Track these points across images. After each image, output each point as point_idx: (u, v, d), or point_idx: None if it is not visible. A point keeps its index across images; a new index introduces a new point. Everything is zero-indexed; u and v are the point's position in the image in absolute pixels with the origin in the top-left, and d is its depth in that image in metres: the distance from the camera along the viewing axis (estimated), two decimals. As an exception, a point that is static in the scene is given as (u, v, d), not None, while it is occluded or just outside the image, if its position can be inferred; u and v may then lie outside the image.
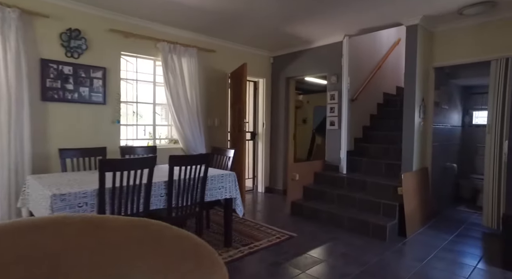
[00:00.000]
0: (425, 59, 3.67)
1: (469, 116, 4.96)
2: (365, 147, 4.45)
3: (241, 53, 4.74)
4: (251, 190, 5.31)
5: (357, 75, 4.49)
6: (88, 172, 2.62)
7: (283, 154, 5.05)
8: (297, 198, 4.04)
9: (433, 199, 3.85)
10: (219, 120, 4.52)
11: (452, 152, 4.53)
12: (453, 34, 3.61)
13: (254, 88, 5.25)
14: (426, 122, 3.79)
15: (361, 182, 3.79)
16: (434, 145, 3.86)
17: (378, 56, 4.96)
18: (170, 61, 3.78)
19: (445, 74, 4.20)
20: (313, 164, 4.33)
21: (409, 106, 3.56)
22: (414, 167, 3.55)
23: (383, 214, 3.32)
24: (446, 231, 3.35)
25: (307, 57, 4.70)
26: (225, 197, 2.73)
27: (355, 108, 4.45)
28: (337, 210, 3.55)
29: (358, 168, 4.24)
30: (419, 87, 3.57)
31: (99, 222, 0.80)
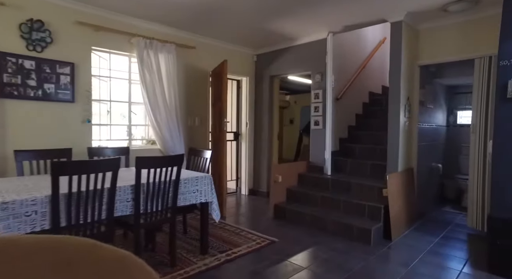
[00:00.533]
0: (410, 57, 3.58)
1: (454, 116, 4.93)
2: (351, 147, 4.35)
3: (223, 51, 4.57)
4: (234, 192, 5.13)
5: (342, 73, 4.38)
6: (47, 176, 2.39)
7: (267, 155, 4.90)
8: (280, 201, 3.89)
9: (418, 200, 3.77)
10: (200, 120, 4.33)
11: (437, 152, 4.48)
12: (437, 32, 3.54)
13: (237, 87, 5.09)
14: (411, 122, 3.70)
15: (346, 183, 3.67)
16: (419, 144, 3.79)
17: (363, 55, 4.88)
18: (146, 57, 3.57)
19: (430, 73, 4.13)
20: (297, 165, 4.19)
21: (394, 105, 3.46)
22: (400, 167, 3.45)
23: (368, 216, 3.20)
24: (431, 233, 3.26)
25: (291, 55, 4.57)
26: (200, 201, 2.55)
27: (340, 108, 4.34)
28: (321, 213, 3.42)
29: (343, 168, 4.13)
30: (404, 85, 3.48)
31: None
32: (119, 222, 2.19)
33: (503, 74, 2.61)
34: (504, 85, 2.59)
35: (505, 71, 2.60)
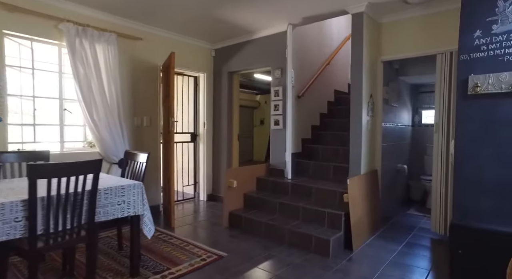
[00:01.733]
0: (373, 52, 3.36)
1: (419, 116, 4.82)
2: (314, 148, 4.08)
3: (177, 44, 4.16)
4: (192, 198, 4.72)
5: (305, 70, 4.11)
6: None
7: (227, 157, 4.53)
8: (236, 208, 3.54)
9: (383, 203, 3.56)
10: (149, 119, 3.90)
11: (402, 153, 4.32)
12: (400, 26, 3.35)
13: (194, 84, 4.69)
14: (375, 121, 3.49)
15: (306, 188, 3.38)
16: (384, 145, 3.58)
17: (328, 51, 4.65)
18: (79, 47, 3.10)
19: (394, 70, 3.96)
20: (255, 169, 3.86)
21: (356, 102, 3.22)
22: (363, 169, 3.21)
23: (328, 225, 2.92)
24: (395, 240, 3.04)
25: (250, 49, 4.24)
26: (128, 214, 2.14)
27: (303, 106, 4.06)
28: (278, 221, 3.10)
29: (306, 171, 3.85)
30: (367, 82, 3.25)
31: None
32: (10, 247, 1.73)
33: (463, 70, 2.42)
34: (464, 81, 2.40)
35: (465, 66, 2.41)
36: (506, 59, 2.28)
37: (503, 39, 2.30)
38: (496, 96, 2.30)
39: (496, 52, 2.32)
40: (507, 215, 2.22)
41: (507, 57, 2.28)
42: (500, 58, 2.31)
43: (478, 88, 2.33)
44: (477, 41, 2.39)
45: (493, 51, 2.33)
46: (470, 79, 2.37)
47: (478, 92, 2.33)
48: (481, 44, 2.37)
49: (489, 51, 2.35)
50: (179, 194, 4.62)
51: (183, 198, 4.61)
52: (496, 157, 2.27)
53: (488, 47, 2.35)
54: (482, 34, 2.37)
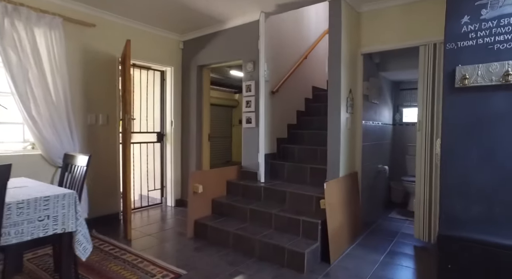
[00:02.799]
0: (352, 43, 3.08)
1: (399, 114, 4.61)
2: (290, 148, 3.77)
3: (139, 34, 3.73)
4: (159, 204, 4.30)
5: (280, 63, 3.79)
6: None
7: (196, 159, 4.15)
8: (202, 216, 3.17)
9: (363, 208, 3.29)
10: (105, 117, 3.45)
11: (383, 153, 4.09)
12: (380, 15, 3.08)
13: (161, 79, 4.27)
14: (355, 119, 3.21)
15: (280, 192, 3.05)
16: (364, 145, 3.31)
17: (305, 45, 4.35)
18: (10, 29, 2.62)
19: (374, 64, 3.71)
20: (225, 171, 3.50)
21: (334, 98, 2.93)
22: (342, 172, 2.92)
23: (304, 234, 2.60)
24: (376, 248, 2.76)
25: (221, 41, 3.88)
26: (54, 231, 1.73)
27: (278, 103, 3.74)
28: (248, 230, 2.76)
29: (281, 174, 3.53)
30: (346, 75, 2.97)
31: None
32: None
33: (450, 59, 2.16)
34: (451, 72, 2.14)
35: (452, 56, 2.15)
36: (496, 48, 2.03)
37: (493, 25, 2.06)
38: (486, 89, 2.05)
39: (486, 40, 2.08)
40: (500, 222, 1.98)
41: (497, 46, 2.04)
42: (489, 47, 2.06)
43: (466, 81, 2.08)
44: (465, 28, 2.14)
45: (482, 39, 2.09)
46: (457, 71, 2.11)
47: (466, 85, 2.08)
48: (469, 31, 2.12)
49: (478, 39, 2.10)
50: (144, 199, 4.20)
51: (148, 204, 4.19)
52: (487, 157, 2.02)
53: (477, 35, 2.10)
54: (470, 20, 2.12)
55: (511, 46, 2.01)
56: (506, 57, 2.01)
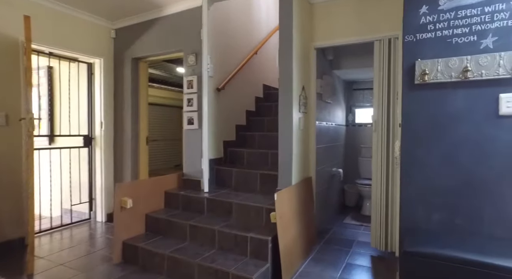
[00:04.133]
0: (305, 36, 2.80)
1: (352, 114, 4.50)
2: (239, 152, 3.39)
3: (58, 15, 3.08)
4: (86, 220, 3.63)
5: (227, 58, 3.40)
6: None
7: (131, 165, 3.57)
8: (133, 235, 2.64)
9: (318, 216, 3.02)
10: (4, 116, 2.75)
11: (337, 155, 3.90)
12: (334, 8, 2.85)
13: (88, 73, 3.62)
14: (308, 119, 2.93)
15: (226, 204, 2.65)
16: (318, 147, 3.05)
17: (255, 40, 4.02)
18: None
19: (327, 61, 3.49)
20: (163, 180, 3.00)
21: (285, 96, 2.61)
22: (295, 178, 2.61)
23: (252, 254, 2.23)
24: (332, 263, 2.49)
25: (159, 29, 3.37)
26: None
27: (225, 102, 3.34)
28: (187, 252, 2.31)
29: (228, 181, 3.13)
30: (298, 70, 2.67)
31: None
32: None
33: (409, 53, 1.95)
34: (410, 67, 1.94)
35: (411, 49, 1.95)
36: (455, 42, 1.86)
37: (451, 17, 1.88)
38: (446, 86, 1.86)
39: (444, 33, 1.89)
40: (463, 233, 1.80)
41: (456, 39, 1.86)
42: (448, 40, 1.88)
43: (426, 76, 1.88)
44: (423, 19, 1.94)
45: (441, 32, 1.90)
46: (417, 65, 1.90)
47: (426, 81, 1.88)
48: (428, 23, 1.93)
49: (437, 31, 1.91)
50: (67, 216, 3.51)
51: (72, 221, 3.50)
52: (448, 160, 1.84)
53: (436, 27, 1.91)
54: (429, 10, 1.93)
55: (469, 40, 1.85)
56: (465, 52, 1.84)
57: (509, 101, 1.72)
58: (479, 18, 1.81)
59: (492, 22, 1.78)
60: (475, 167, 1.77)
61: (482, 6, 1.80)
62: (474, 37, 1.81)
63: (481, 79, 1.76)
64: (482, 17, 1.80)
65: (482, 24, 1.80)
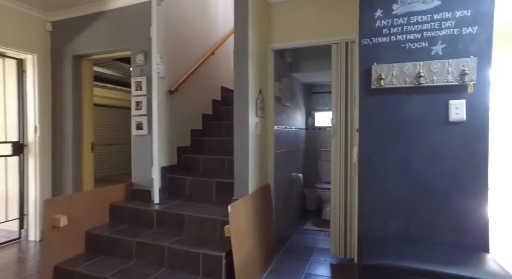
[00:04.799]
0: (262, 37, 2.68)
1: (312, 118, 4.49)
2: (194, 159, 3.18)
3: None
4: (16, 240, 3.17)
5: (180, 58, 3.18)
6: None
7: (73, 175, 3.19)
8: (69, 257, 2.32)
9: (277, 224, 2.91)
10: None
11: (297, 159, 3.84)
12: (292, 9, 2.77)
13: (18, 71, 3.17)
14: (266, 123, 2.81)
15: (178, 217, 2.43)
16: (277, 152, 2.95)
17: (212, 40, 3.84)
18: None
19: (286, 64, 3.41)
20: (107, 191, 2.70)
21: (241, 99, 2.46)
22: (252, 186, 2.47)
23: (205, 273, 2.04)
24: (292, 273, 2.39)
25: (104, 24, 3.05)
26: None
27: (178, 105, 3.11)
28: (132, 274, 2.05)
29: (181, 191, 2.91)
30: (255, 73, 2.54)
31: None
32: None
33: (365, 57, 1.91)
34: (367, 71, 1.89)
35: (368, 52, 1.90)
36: (408, 47, 1.85)
37: (404, 22, 1.87)
38: (401, 91, 1.84)
39: (398, 38, 1.87)
40: (418, 241, 1.78)
41: (409, 45, 1.85)
42: (402, 45, 1.86)
43: (382, 81, 1.84)
44: (379, 22, 1.91)
45: (395, 36, 1.88)
46: (373, 70, 1.86)
47: (382, 85, 1.84)
48: (383, 27, 1.89)
49: (391, 36, 1.89)
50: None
51: (-1, 242, 3.03)
52: (405, 167, 1.81)
53: (390, 31, 1.89)
54: (384, 14, 1.90)
55: (421, 46, 1.84)
56: (418, 58, 1.83)
57: (457, 108, 1.73)
58: (429, 25, 1.81)
59: (440, 30, 1.79)
60: (429, 174, 1.76)
61: (432, 13, 1.81)
62: (426, 43, 1.81)
63: (433, 85, 1.76)
64: (431, 24, 1.81)
65: (432, 31, 1.80)
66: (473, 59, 1.70)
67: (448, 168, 1.73)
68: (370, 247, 1.70)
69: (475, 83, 1.70)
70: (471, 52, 1.73)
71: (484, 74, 1.70)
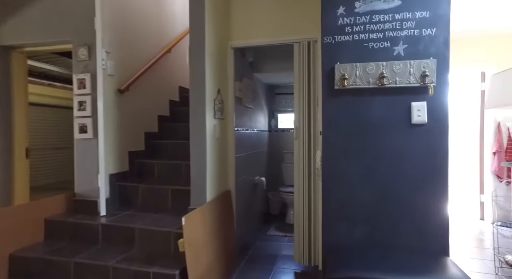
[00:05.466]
0: (220, 34, 2.50)
1: (275, 120, 4.39)
2: (148, 164, 2.90)
3: None
4: None
5: (132, 53, 2.90)
6: None
7: (4, 187, 2.76)
8: (-9, 285, 1.95)
9: (239, 232, 2.74)
10: None
11: (260, 163, 3.71)
12: (252, 5, 2.63)
13: None
14: (226, 125, 2.64)
15: (127, 230, 2.16)
16: (238, 156, 2.78)
17: (169, 36, 3.58)
18: None
19: (247, 63, 3.27)
20: (42, 205, 2.34)
21: (197, 99, 2.26)
22: (210, 194, 2.27)
23: (155, 294, 1.81)
24: (254, 286, 2.24)
25: (37, 12, 2.68)
26: None
27: (130, 105, 2.83)
28: (67, 302, 1.76)
29: (134, 200, 2.63)
30: (213, 71, 2.35)
31: None
32: None
33: (328, 56, 1.82)
34: (330, 71, 1.80)
35: (330, 51, 1.81)
36: (371, 46, 1.79)
37: (367, 21, 1.81)
38: (364, 92, 1.77)
39: (361, 37, 1.81)
40: (387, 247, 1.71)
41: (372, 44, 1.79)
42: (365, 45, 1.80)
43: (346, 81, 1.76)
44: (341, 20, 1.83)
45: (358, 35, 1.81)
46: (336, 69, 1.77)
47: (346, 86, 1.76)
48: (346, 25, 1.82)
49: (354, 34, 1.82)
50: None
51: None
52: (369, 172, 1.74)
53: (353, 29, 1.81)
54: (346, 12, 1.83)
55: (383, 46, 1.79)
56: (380, 58, 1.77)
57: (419, 110, 1.70)
58: (391, 25, 1.76)
59: (402, 30, 1.75)
60: (392, 178, 1.71)
61: (393, 13, 1.76)
62: (388, 43, 1.76)
63: (396, 87, 1.71)
64: (393, 23, 1.76)
65: (394, 31, 1.76)
66: (433, 61, 1.68)
67: (410, 172, 1.69)
68: (334, 257, 1.60)
69: (435, 85, 1.68)
70: (431, 54, 1.71)
71: (443, 76, 1.68)
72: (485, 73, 3.82)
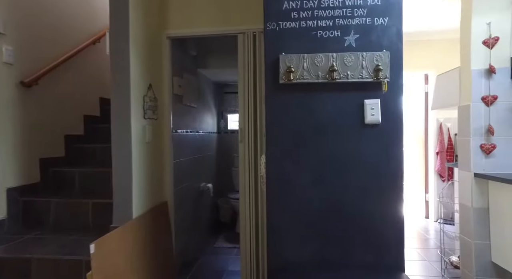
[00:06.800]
0: (152, 20, 2.13)
1: (224, 121, 4.09)
2: (68, 173, 2.41)
3: None
4: None
5: (42, 38, 2.39)
6: None
7: None
8: None
9: (179, 247, 2.39)
10: None
11: (207, 168, 3.38)
12: (191, -11, 2.30)
13: None
14: (160, 127, 2.27)
15: (21, 263, 1.68)
16: (177, 162, 2.43)
17: (96, 26, 3.09)
18: None
19: (191, 57, 2.92)
20: None
21: (119, 96, 1.86)
22: (139, 208, 1.90)
23: None
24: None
25: None
26: None
27: (41, 103, 2.32)
28: None
29: (45, 218, 2.13)
30: (141, 64, 1.97)
31: None
32: None
33: (271, 45, 1.55)
34: (274, 62, 1.54)
35: (274, 39, 1.55)
36: (320, 35, 1.56)
37: (315, 5, 1.57)
38: (313, 87, 1.53)
39: (309, 24, 1.57)
40: (340, 265, 1.50)
41: (321, 33, 1.56)
42: (313, 33, 1.56)
43: (292, 75, 1.51)
44: (286, 4, 1.57)
45: (305, 22, 1.57)
46: (281, 60, 1.51)
47: (292, 80, 1.51)
48: (291, 9, 1.57)
49: (301, 21, 1.58)
50: None
51: None
52: (318, 179, 1.51)
53: (300, 15, 1.57)
54: (292, -5, 1.60)
55: (333, 35, 1.57)
56: (330, 49, 1.55)
57: (373, 108, 1.51)
58: (341, 11, 1.55)
59: (353, 18, 1.55)
60: (343, 187, 1.49)
61: (343, -3, 1.56)
62: (338, 33, 1.55)
63: (348, 82, 1.50)
64: (343, 10, 1.55)
65: (345, 19, 1.55)
66: (386, 53, 1.50)
67: (363, 179, 1.49)
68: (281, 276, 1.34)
69: (389, 80, 1.51)
70: (384, 46, 1.53)
71: (397, 71, 1.51)
72: (428, 75, 3.92)
